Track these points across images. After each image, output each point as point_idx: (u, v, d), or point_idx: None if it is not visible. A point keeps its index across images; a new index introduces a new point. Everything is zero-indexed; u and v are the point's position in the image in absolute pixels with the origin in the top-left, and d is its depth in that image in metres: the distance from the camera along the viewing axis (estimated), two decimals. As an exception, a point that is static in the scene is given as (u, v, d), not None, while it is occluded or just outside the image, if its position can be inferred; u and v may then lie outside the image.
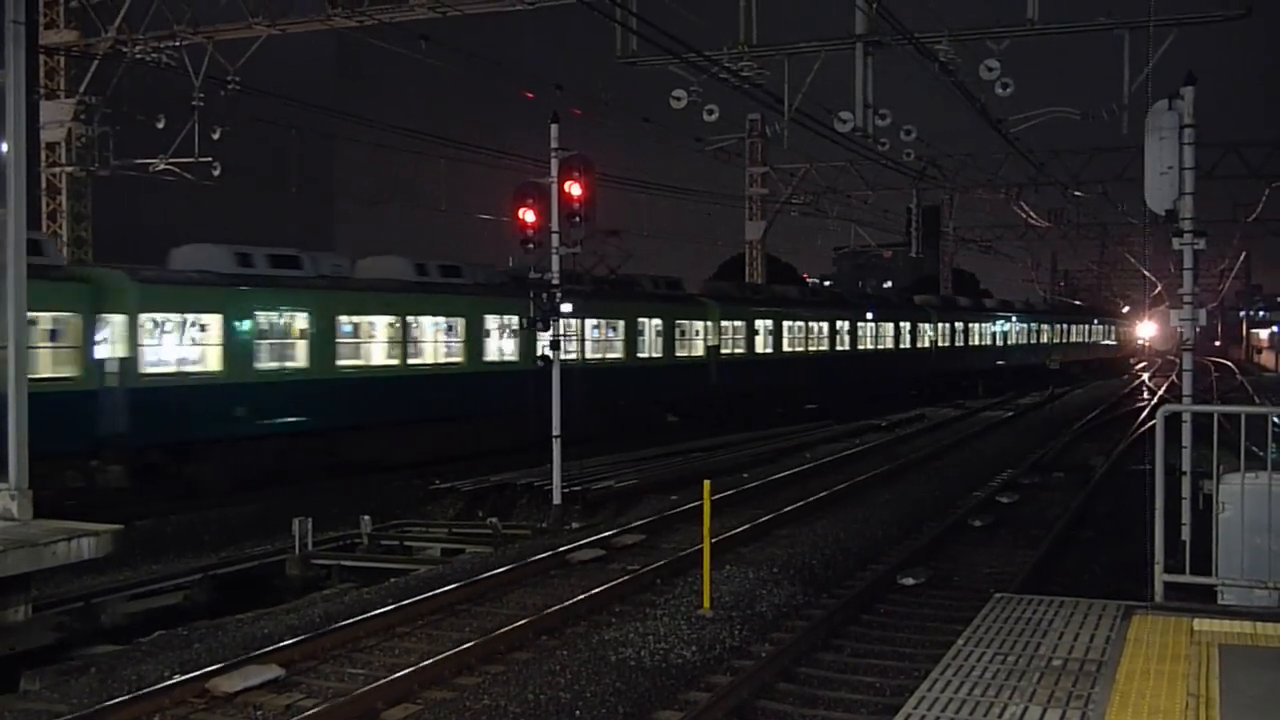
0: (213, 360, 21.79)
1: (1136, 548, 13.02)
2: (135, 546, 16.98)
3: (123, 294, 20.53)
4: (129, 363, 20.38)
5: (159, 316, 21.03)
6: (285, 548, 17.25)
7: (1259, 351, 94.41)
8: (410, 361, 25.68)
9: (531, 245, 18.48)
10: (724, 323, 36.69)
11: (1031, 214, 53.82)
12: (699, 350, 35.73)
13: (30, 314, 16.44)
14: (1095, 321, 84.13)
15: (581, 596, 13.05)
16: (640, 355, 32.86)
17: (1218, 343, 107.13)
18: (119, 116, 25.81)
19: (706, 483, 13.34)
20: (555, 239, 18.61)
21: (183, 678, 10.22)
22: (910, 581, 14.12)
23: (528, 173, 21.74)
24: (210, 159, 25.18)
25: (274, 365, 22.89)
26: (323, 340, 23.59)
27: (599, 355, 31.26)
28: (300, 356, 23.30)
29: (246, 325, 22.29)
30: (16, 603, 11.64)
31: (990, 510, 19.52)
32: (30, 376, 17.01)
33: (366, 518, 18.22)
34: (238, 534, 19.12)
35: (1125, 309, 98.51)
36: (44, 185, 25.92)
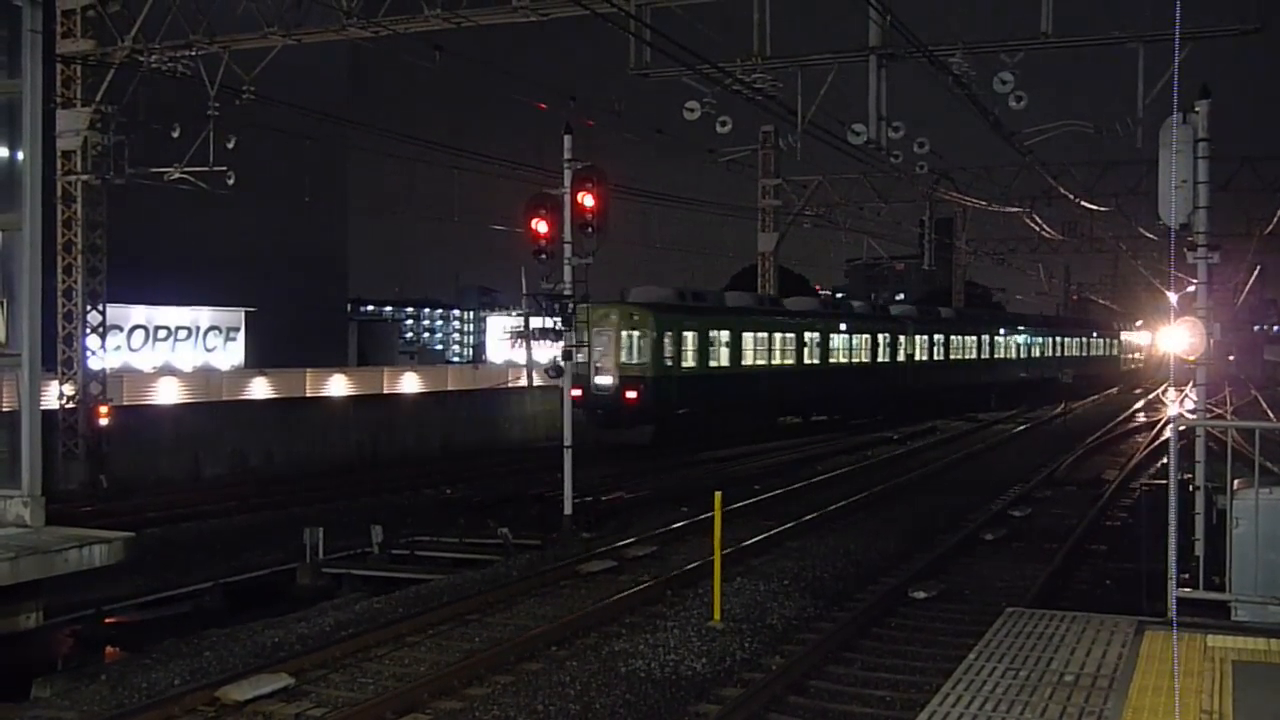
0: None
1: (1149, 562, 12.97)
2: (147, 554, 17.00)
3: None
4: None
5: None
6: (297, 557, 17.26)
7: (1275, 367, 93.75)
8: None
9: (544, 256, 18.49)
10: None
11: (1045, 227, 53.60)
12: None
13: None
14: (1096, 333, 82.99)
15: (592, 608, 13.03)
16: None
17: (1231, 357, 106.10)
18: (134, 125, 25.88)
19: (718, 494, 13.33)
20: (568, 249, 18.63)
21: (193, 686, 10.24)
22: (921, 595, 14.07)
23: (540, 183, 21.75)
24: (225, 168, 25.23)
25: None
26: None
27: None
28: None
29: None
30: (28, 610, 11.66)
31: (1002, 524, 19.45)
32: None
33: (378, 527, 18.21)
34: (250, 543, 19.15)
35: (1139, 322, 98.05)
36: (60, 193, 25.95)
